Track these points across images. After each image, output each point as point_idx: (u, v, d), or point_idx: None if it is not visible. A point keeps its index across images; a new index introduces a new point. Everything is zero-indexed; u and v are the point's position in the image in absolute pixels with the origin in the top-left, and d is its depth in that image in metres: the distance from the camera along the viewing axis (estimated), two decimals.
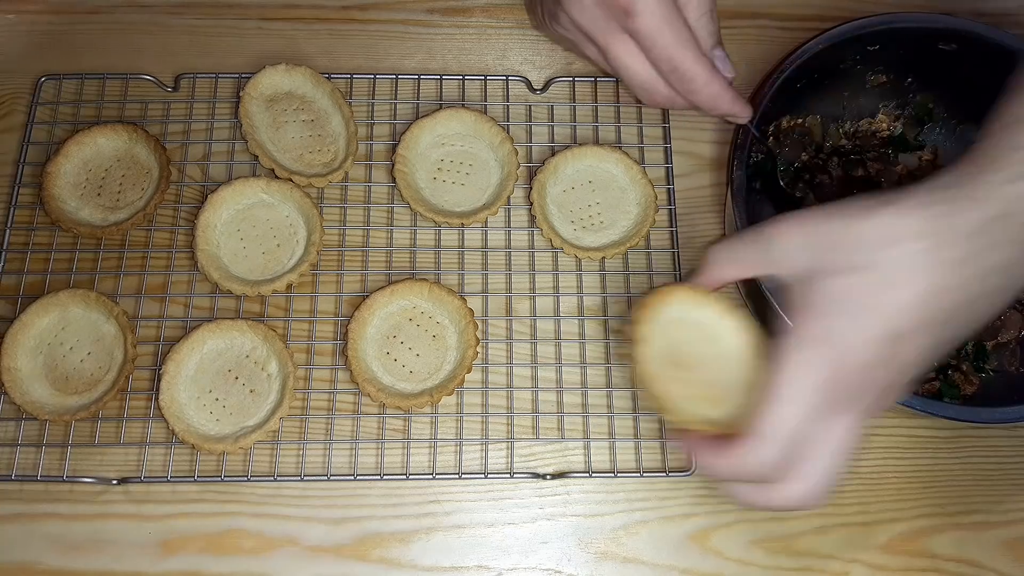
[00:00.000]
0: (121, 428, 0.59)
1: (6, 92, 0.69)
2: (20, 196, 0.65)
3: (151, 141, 0.65)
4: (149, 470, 0.58)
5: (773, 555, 0.57)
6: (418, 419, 0.60)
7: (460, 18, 0.73)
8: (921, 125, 0.67)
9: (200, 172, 0.66)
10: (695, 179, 0.68)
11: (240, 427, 0.58)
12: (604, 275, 0.64)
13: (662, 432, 0.60)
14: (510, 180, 0.65)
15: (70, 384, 0.59)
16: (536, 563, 0.57)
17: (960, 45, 0.62)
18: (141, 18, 0.71)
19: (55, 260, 0.63)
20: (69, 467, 0.58)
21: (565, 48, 0.62)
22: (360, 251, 0.64)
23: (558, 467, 0.59)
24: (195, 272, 0.62)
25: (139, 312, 0.62)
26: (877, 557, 0.57)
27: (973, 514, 0.59)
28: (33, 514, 0.57)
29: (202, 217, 0.62)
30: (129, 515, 0.57)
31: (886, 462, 0.60)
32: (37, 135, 0.67)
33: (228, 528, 0.57)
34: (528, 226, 0.65)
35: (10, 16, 0.71)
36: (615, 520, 0.58)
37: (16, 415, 0.59)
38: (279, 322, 0.62)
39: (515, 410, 0.60)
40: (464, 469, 0.59)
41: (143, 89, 0.69)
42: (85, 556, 0.56)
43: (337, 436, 0.59)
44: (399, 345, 0.61)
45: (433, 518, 0.58)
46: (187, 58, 0.70)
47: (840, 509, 0.59)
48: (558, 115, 0.69)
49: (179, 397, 0.59)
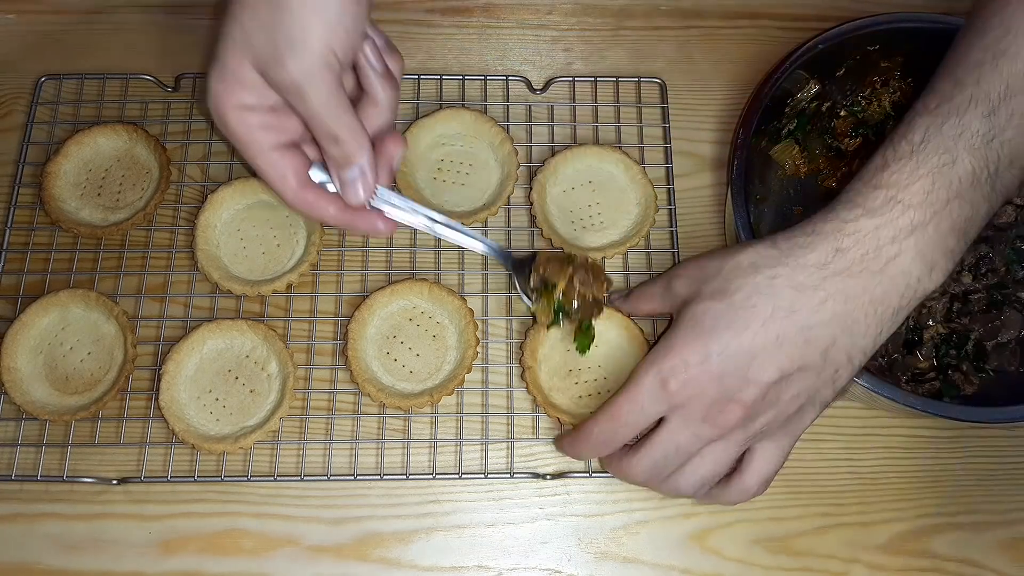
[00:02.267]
0: (121, 428, 0.59)
1: (6, 92, 0.69)
2: (20, 196, 0.65)
3: (151, 141, 0.65)
4: (149, 470, 0.58)
5: (773, 555, 0.57)
6: (418, 419, 0.60)
7: (460, 18, 0.73)
8: None
9: (200, 172, 0.66)
10: (695, 179, 0.68)
11: (240, 427, 0.58)
12: None
13: None
14: (510, 180, 0.65)
15: (70, 384, 0.59)
16: (536, 563, 0.57)
17: None
18: (141, 18, 0.71)
19: (55, 260, 0.63)
20: (69, 467, 0.58)
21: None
22: (360, 251, 0.64)
23: (558, 467, 0.59)
24: (195, 272, 0.62)
25: (139, 312, 0.62)
26: (877, 557, 0.57)
27: (973, 514, 0.59)
28: (33, 514, 0.57)
29: (202, 217, 0.62)
30: (129, 515, 0.57)
31: (886, 462, 0.60)
32: (37, 135, 0.67)
33: (228, 528, 0.57)
34: (528, 226, 0.65)
35: (10, 16, 0.71)
36: (615, 520, 0.58)
37: (16, 415, 0.59)
38: (279, 322, 0.62)
39: (515, 410, 0.60)
40: (464, 469, 0.59)
41: (143, 89, 0.69)
42: (85, 556, 0.56)
43: (337, 436, 0.59)
44: (399, 345, 0.61)
45: (433, 518, 0.58)
46: (187, 58, 0.70)
47: (840, 509, 0.59)
48: (558, 115, 0.69)
49: (179, 397, 0.59)
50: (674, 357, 0.47)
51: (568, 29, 0.73)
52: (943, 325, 0.62)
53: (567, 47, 0.72)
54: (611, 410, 0.49)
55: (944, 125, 0.46)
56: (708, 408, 0.47)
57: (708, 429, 0.48)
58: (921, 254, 0.45)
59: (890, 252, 0.45)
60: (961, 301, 0.62)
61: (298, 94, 0.46)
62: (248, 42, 0.46)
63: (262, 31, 0.45)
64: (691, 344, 0.47)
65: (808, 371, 0.47)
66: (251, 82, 0.47)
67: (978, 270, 0.62)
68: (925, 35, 0.62)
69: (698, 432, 0.48)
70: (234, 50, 0.47)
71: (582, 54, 0.72)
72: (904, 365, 0.61)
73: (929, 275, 0.46)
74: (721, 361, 0.46)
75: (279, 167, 0.50)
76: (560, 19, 0.73)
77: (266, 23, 0.45)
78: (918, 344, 0.61)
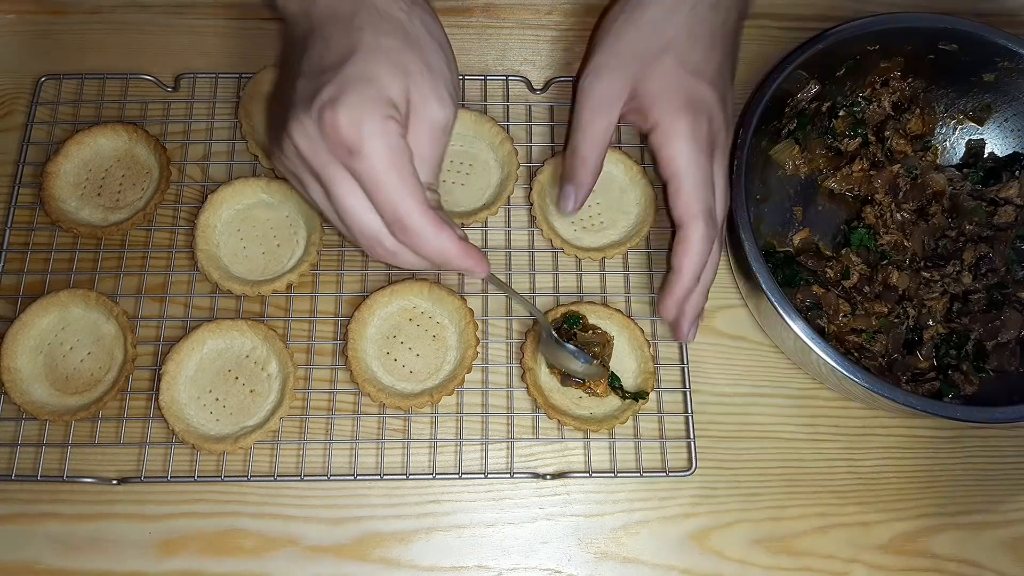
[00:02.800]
0: (121, 428, 0.59)
1: (6, 92, 0.69)
2: (20, 196, 0.65)
3: (151, 141, 0.65)
4: (149, 470, 0.58)
5: (773, 555, 0.57)
6: (418, 419, 0.60)
7: (460, 18, 0.72)
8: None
9: (200, 172, 0.66)
10: None
11: (240, 427, 0.58)
12: (604, 275, 0.64)
13: (662, 432, 0.60)
14: (510, 180, 0.65)
15: (70, 384, 0.59)
16: (536, 563, 0.57)
17: (960, 45, 0.62)
18: (141, 18, 0.71)
19: (55, 260, 0.63)
20: (69, 467, 0.58)
21: (293, 187, 0.51)
22: (360, 251, 0.64)
23: (558, 467, 0.59)
24: (195, 272, 0.62)
25: (139, 312, 0.62)
26: (877, 557, 0.58)
27: (973, 514, 0.59)
28: (33, 514, 0.57)
29: (202, 217, 0.62)
30: (129, 515, 0.57)
31: (886, 462, 0.60)
32: (37, 135, 0.67)
33: (228, 528, 0.57)
34: (528, 226, 0.65)
35: (10, 16, 0.71)
36: (615, 520, 0.58)
37: (16, 415, 0.59)
38: (279, 322, 0.62)
39: (515, 410, 0.60)
40: (464, 469, 0.59)
41: (143, 89, 0.69)
42: (85, 556, 0.56)
43: (337, 436, 0.59)
44: (399, 345, 0.61)
45: (433, 518, 0.58)
46: (187, 58, 0.70)
47: (840, 509, 0.59)
48: (558, 115, 0.69)
49: (179, 397, 0.59)
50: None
51: (568, 29, 0.73)
52: (943, 325, 0.62)
53: (567, 47, 0.72)
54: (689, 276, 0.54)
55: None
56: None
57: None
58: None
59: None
60: (961, 301, 0.62)
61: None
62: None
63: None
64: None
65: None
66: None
67: (978, 270, 0.62)
68: (925, 35, 0.62)
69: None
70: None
71: (582, 54, 0.72)
72: (904, 365, 0.61)
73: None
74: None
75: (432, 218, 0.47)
76: (560, 19, 0.73)
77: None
78: (918, 344, 0.62)
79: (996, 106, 0.66)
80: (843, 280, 0.63)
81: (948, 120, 0.67)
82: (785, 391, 0.62)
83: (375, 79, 0.45)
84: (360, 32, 0.47)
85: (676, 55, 0.54)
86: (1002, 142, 0.66)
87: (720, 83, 0.55)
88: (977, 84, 0.65)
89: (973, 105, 0.66)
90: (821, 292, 0.62)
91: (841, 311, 0.61)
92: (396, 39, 0.47)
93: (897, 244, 0.64)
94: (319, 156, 0.46)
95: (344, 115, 0.44)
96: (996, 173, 0.65)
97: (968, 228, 0.63)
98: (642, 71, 0.55)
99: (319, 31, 0.48)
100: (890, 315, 0.62)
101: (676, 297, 0.55)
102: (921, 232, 0.64)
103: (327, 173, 0.46)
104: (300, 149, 0.46)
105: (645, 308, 0.63)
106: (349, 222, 0.47)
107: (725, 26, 0.56)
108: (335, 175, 0.46)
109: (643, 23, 0.55)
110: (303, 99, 0.46)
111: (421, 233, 0.46)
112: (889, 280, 0.62)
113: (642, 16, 0.55)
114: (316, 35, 0.48)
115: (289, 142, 0.47)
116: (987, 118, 0.66)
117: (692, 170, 0.53)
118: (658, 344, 0.62)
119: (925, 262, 0.63)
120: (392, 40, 0.47)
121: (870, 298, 0.62)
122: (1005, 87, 0.64)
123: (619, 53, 0.55)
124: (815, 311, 0.61)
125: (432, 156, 0.48)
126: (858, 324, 0.61)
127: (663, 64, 0.54)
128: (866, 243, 0.64)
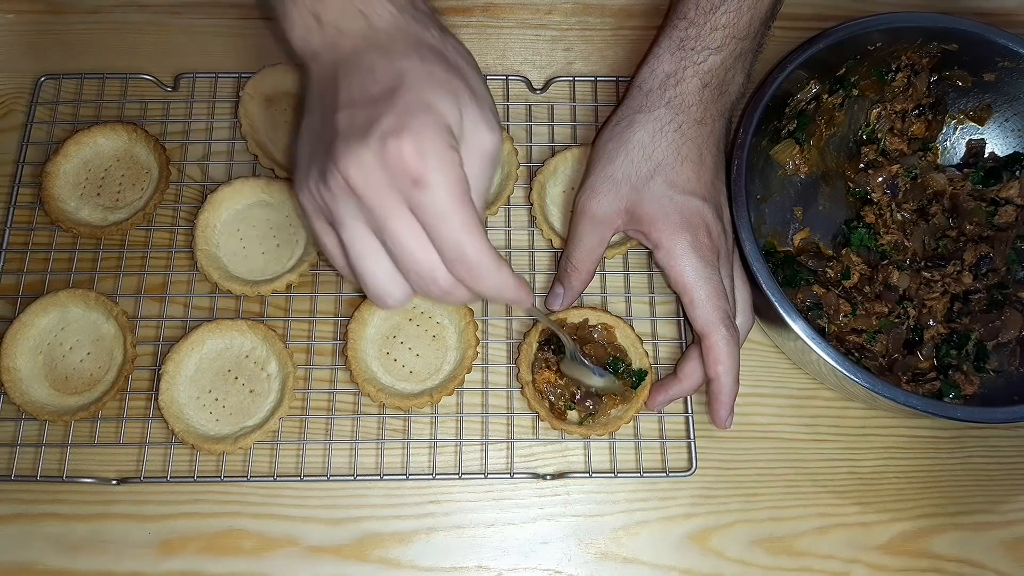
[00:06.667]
0: (121, 428, 0.59)
1: (6, 92, 0.69)
2: (20, 196, 0.65)
3: (151, 141, 0.65)
4: (149, 470, 0.58)
5: (773, 555, 0.57)
6: (418, 419, 0.60)
7: (460, 18, 0.72)
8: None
9: (200, 172, 0.66)
10: None
11: (240, 427, 0.58)
12: (604, 275, 0.64)
13: (662, 432, 0.60)
14: (510, 180, 0.64)
15: (70, 384, 0.59)
16: (536, 563, 0.57)
17: (960, 45, 0.62)
18: (141, 18, 0.71)
19: (55, 260, 0.63)
20: (69, 467, 0.58)
21: (313, 230, 0.47)
22: None
23: (558, 467, 0.59)
24: (195, 272, 0.62)
25: (139, 312, 0.62)
26: (877, 557, 0.57)
27: (973, 514, 0.59)
28: (33, 514, 0.57)
29: (202, 217, 0.62)
30: (129, 515, 0.57)
31: (886, 462, 0.60)
32: (37, 135, 0.67)
33: (228, 528, 0.57)
34: (528, 226, 0.65)
35: (10, 16, 0.71)
36: (615, 520, 0.58)
37: (16, 415, 0.59)
38: (279, 322, 0.62)
39: (515, 410, 0.60)
40: (464, 469, 0.58)
41: (143, 89, 0.69)
42: (85, 556, 0.56)
43: (337, 436, 0.59)
44: (399, 345, 0.61)
45: (433, 518, 0.58)
46: (187, 58, 0.70)
47: (840, 509, 0.59)
48: (558, 115, 0.69)
49: (179, 397, 0.59)
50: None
51: (568, 29, 0.73)
52: (944, 325, 0.62)
53: (567, 47, 0.72)
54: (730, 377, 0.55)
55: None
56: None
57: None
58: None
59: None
60: (962, 301, 0.62)
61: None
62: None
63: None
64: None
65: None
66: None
67: (978, 270, 0.62)
68: (925, 35, 0.62)
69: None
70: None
71: (582, 54, 0.72)
72: (904, 365, 0.61)
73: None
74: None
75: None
76: (560, 19, 0.73)
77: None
78: (918, 344, 0.61)
79: (996, 106, 0.65)
80: (843, 280, 0.63)
81: (948, 120, 0.67)
82: (785, 391, 0.62)
83: (433, 106, 0.42)
84: (405, 59, 0.44)
85: (665, 177, 0.56)
86: (1002, 142, 0.66)
87: (712, 194, 0.57)
88: (977, 84, 0.65)
89: (973, 105, 0.66)
90: (821, 292, 0.62)
91: (841, 311, 0.61)
92: (440, 65, 0.45)
93: (897, 244, 0.64)
94: (375, 189, 0.42)
95: (409, 144, 0.41)
96: (996, 173, 0.65)
97: (968, 228, 0.63)
98: (635, 194, 0.56)
99: (355, 61, 0.45)
100: (890, 315, 0.62)
101: (729, 406, 0.56)
102: (921, 232, 0.64)
103: (384, 206, 0.42)
104: (352, 183, 0.42)
105: (645, 308, 0.63)
106: (402, 259, 0.44)
107: (713, 136, 0.58)
108: (393, 209, 0.42)
109: (632, 147, 0.57)
110: (354, 131, 0.42)
111: (483, 269, 0.43)
112: (889, 280, 0.62)
113: (631, 139, 0.57)
114: (352, 66, 0.45)
115: (337, 177, 0.42)
116: (987, 118, 0.66)
117: (701, 283, 0.55)
118: (658, 344, 0.62)
119: (925, 262, 0.63)
120: (437, 67, 0.45)
121: (870, 298, 0.62)
122: (1005, 87, 0.64)
123: (611, 177, 0.57)
124: (815, 311, 0.61)
125: (482, 185, 0.45)
126: (858, 324, 0.61)
127: (654, 187, 0.56)
128: (866, 243, 0.64)
